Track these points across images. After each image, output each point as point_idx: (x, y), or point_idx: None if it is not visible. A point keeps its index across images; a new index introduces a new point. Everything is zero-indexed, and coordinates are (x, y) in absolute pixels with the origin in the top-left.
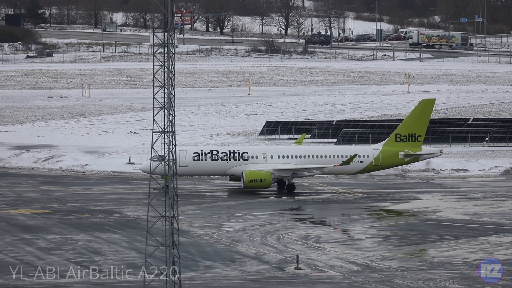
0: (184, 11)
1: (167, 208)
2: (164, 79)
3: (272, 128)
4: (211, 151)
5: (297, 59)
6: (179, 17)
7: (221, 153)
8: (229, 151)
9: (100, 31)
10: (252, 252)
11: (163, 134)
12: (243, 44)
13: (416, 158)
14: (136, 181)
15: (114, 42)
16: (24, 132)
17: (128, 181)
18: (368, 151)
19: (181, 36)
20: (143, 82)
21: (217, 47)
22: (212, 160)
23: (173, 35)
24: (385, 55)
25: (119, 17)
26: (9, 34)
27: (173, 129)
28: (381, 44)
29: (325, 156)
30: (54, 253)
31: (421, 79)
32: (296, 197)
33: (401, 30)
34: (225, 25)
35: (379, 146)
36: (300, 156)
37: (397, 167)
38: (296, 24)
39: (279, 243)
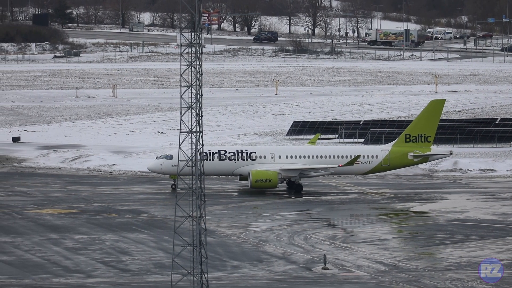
0: (212, 11)
1: (194, 208)
2: (191, 79)
3: (300, 128)
4: (219, 150)
5: (324, 59)
6: (206, 17)
7: (229, 153)
8: (237, 151)
9: (127, 31)
10: (280, 252)
11: (190, 134)
12: (271, 44)
13: (425, 158)
14: (163, 181)
15: (141, 42)
16: (52, 132)
17: (156, 181)
18: (377, 152)
19: (209, 36)
20: (170, 82)
21: (245, 47)
22: (220, 160)
23: (200, 35)
24: (412, 55)
25: (146, 17)
26: (37, 34)
27: (200, 129)
28: (408, 44)
29: (333, 156)
30: (82, 253)
31: (449, 79)
32: (323, 197)
33: (428, 30)
34: (252, 25)
35: (388, 146)
36: (308, 156)
37: (424, 167)
38: (323, 24)
39: (306, 243)
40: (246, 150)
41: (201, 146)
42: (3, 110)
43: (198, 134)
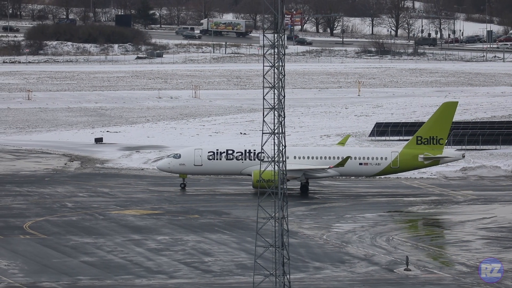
0: (294, 12)
1: (276, 209)
2: (274, 80)
3: (382, 130)
4: (227, 150)
5: (407, 60)
6: (289, 18)
7: (237, 152)
8: (245, 150)
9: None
10: (362, 253)
11: (272, 135)
12: (353, 45)
13: (436, 161)
14: (246, 182)
15: (224, 43)
16: (134, 133)
17: (238, 182)
18: (387, 154)
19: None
20: (253, 83)
21: (327, 48)
22: (227, 159)
23: (283, 36)
24: (495, 56)
25: (229, 18)
26: (119, 35)
27: (283, 130)
28: (491, 46)
29: (339, 158)
30: (164, 254)
31: None
32: (405, 199)
33: (510, 32)
34: (335, 26)
35: (399, 148)
36: (315, 157)
37: (507, 168)
38: (406, 25)
39: (388, 245)
40: (254, 150)
41: (283, 147)
42: (85, 111)
43: (280, 135)
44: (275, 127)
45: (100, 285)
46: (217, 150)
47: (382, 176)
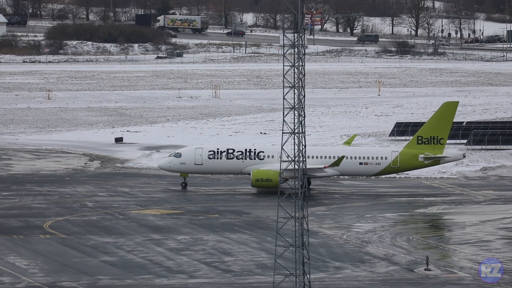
0: (314, 12)
1: (297, 209)
2: (294, 80)
3: (402, 129)
4: (227, 149)
5: (427, 60)
6: (309, 18)
7: (237, 152)
8: (245, 150)
9: (230, 31)
10: (382, 253)
11: (292, 135)
12: (373, 45)
13: (436, 161)
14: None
15: (244, 43)
16: (154, 133)
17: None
18: (387, 153)
19: (311, 37)
20: (273, 83)
21: (347, 48)
22: (227, 158)
23: (303, 36)
24: None
25: (249, 17)
26: (139, 35)
27: (303, 130)
28: (511, 45)
29: (336, 157)
30: (184, 254)
31: None
32: (426, 199)
33: None
34: (355, 26)
35: (399, 148)
36: (315, 157)
37: None
38: (426, 25)
39: (408, 244)
40: (255, 149)
41: (303, 147)
42: (106, 111)
43: (300, 135)
44: (295, 127)
45: (120, 285)
46: (218, 149)
47: (403, 176)
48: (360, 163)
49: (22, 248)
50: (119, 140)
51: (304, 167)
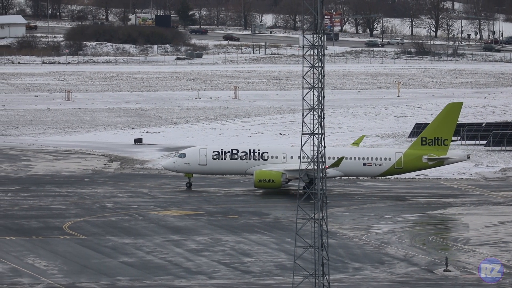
0: (334, 13)
1: (316, 210)
2: (313, 81)
3: (422, 130)
4: (231, 150)
5: (446, 61)
6: (328, 19)
7: (241, 152)
8: (249, 150)
9: (249, 32)
10: (401, 254)
11: (312, 136)
12: (393, 46)
13: (440, 162)
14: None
15: (263, 44)
16: (174, 134)
17: None
18: (390, 154)
19: (331, 38)
20: (292, 84)
21: (367, 49)
22: (231, 159)
23: (322, 37)
24: None
25: (268, 18)
26: (159, 36)
27: (322, 131)
28: None
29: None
30: (203, 255)
31: None
32: (445, 199)
33: None
34: (374, 27)
35: (403, 149)
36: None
37: None
38: (445, 26)
39: (428, 245)
40: (259, 150)
41: (323, 148)
42: (125, 112)
43: (320, 136)
44: (315, 128)
45: (139, 286)
46: (222, 149)
47: (422, 177)
48: (364, 164)
49: (42, 249)
50: (138, 141)
51: (324, 168)
